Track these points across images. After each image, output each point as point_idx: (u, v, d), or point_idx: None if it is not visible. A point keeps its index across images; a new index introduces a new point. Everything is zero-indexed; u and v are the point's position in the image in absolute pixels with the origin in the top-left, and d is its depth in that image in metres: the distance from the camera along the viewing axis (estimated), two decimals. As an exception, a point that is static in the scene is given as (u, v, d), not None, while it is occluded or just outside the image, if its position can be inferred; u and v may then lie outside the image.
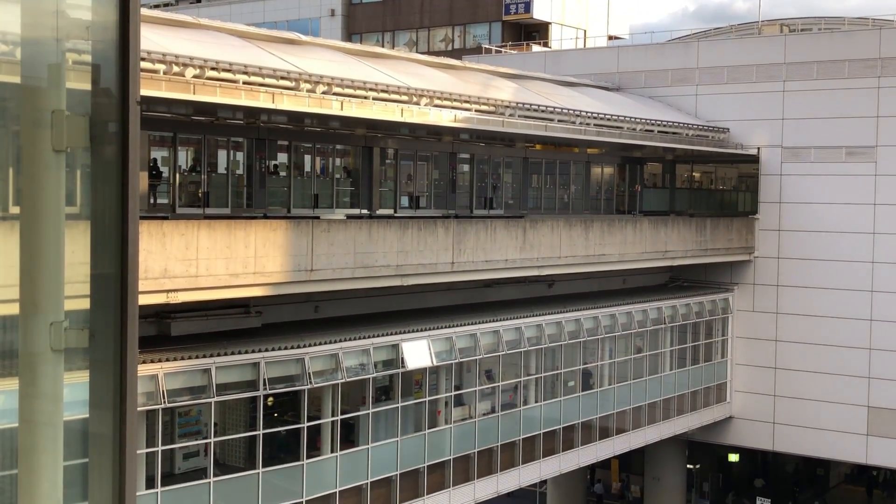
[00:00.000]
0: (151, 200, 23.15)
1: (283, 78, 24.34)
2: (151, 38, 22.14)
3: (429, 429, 27.27)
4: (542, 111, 32.96)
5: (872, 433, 37.72)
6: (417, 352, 26.56)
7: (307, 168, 27.70)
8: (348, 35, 65.76)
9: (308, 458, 23.85)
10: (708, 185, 45.32)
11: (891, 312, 37.35)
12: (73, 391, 3.29)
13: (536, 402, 31.07)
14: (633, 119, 36.73)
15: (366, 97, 26.34)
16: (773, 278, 39.84)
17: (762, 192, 40.23)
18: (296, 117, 25.27)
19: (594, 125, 34.82)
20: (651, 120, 37.71)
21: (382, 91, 26.92)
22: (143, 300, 18.27)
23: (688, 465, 43.76)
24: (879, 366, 37.54)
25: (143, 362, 20.27)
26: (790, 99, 39.55)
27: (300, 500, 23.70)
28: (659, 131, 37.79)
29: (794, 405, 39.16)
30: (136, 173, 3.26)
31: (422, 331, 26.87)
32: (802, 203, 39.31)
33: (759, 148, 40.26)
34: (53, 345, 3.18)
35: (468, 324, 28.44)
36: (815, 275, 38.84)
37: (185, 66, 21.90)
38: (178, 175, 23.66)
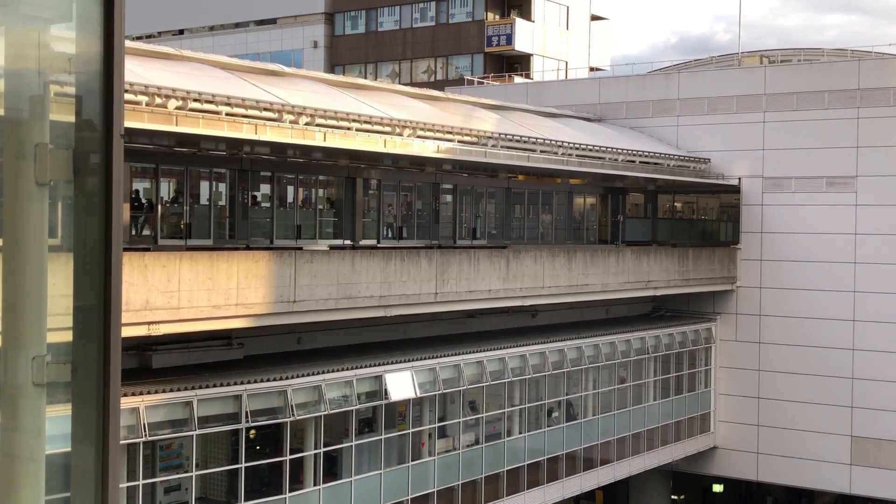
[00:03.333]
0: (133, 232, 23.07)
1: (265, 109, 24.36)
2: (134, 70, 22.15)
3: (412, 461, 27.13)
4: (525, 142, 33.09)
5: (856, 463, 37.74)
6: (401, 383, 26.47)
7: (290, 199, 27.69)
8: (331, 66, 65.95)
9: (291, 491, 23.67)
10: (690, 215, 45.50)
11: (872, 342, 37.49)
12: (55, 425, 3.26)
13: (520, 433, 30.98)
14: (614, 150, 36.90)
15: (349, 128, 26.38)
16: (756, 308, 39.96)
17: (744, 222, 40.42)
18: (279, 148, 25.28)
19: (576, 156, 34.95)
20: (633, 150, 37.90)
21: (365, 122, 26.97)
22: (125, 332, 18.16)
23: (672, 496, 43.65)
24: (862, 395, 37.64)
25: (124, 395, 20.12)
26: (770, 129, 39.84)
27: (283, 534, 23.50)
28: (641, 162, 37.97)
29: (778, 435, 39.17)
30: (119, 206, 3.25)
31: (405, 362, 26.79)
32: (784, 233, 39.51)
33: (739, 178, 40.48)
34: (35, 379, 3.15)
35: (452, 354, 28.38)
36: (797, 304, 38.98)
37: (168, 97, 21.90)
38: (160, 206, 23.61)
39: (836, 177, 38.51)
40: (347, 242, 27.23)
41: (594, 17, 65.85)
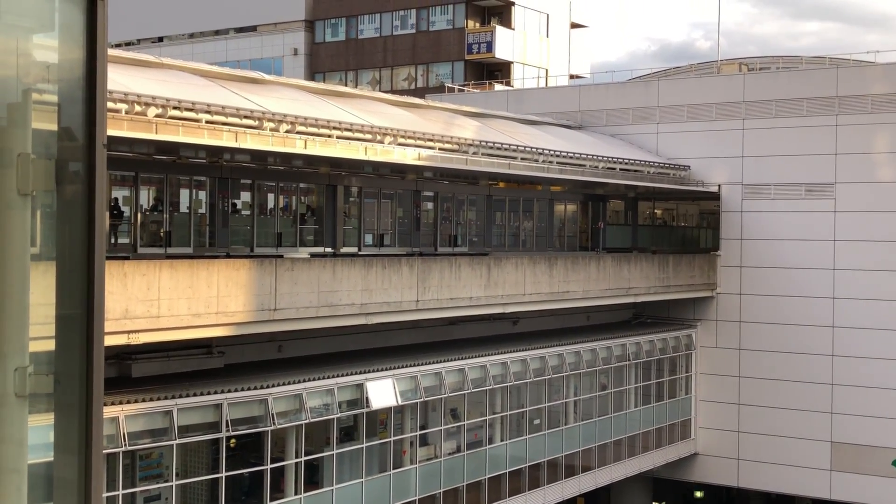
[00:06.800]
0: (112, 240, 22.95)
1: (246, 117, 24.30)
2: (113, 78, 22.05)
3: (394, 469, 27.08)
4: (506, 149, 33.13)
5: (836, 468, 37.92)
6: (382, 391, 26.42)
7: (270, 206, 27.62)
8: (311, 74, 65.86)
9: (272, 500, 23.58)
10: (670, 221, 45.64)
11: (851, 348, 37.69)
12: (37, 435, 3.24)
13: (502, 440, 30.97)
14: (595, 157, 37.00)
15: (329, 136, 26.34)
16: (736, 314, 40.10)
17: (723, 229, 40.58)
18: (259, 156, 25.22)
19: (557, 163, 35.02)
20: (613, 158, 38.00)
21: (346, 129, 26.94)
22: (105, 342, 18.06)
23: (653, 503, 43.72)
24: (841, 401, 37.81)
25: (104, 404, 19.98)
26: (750, 136, 40.03)
27: (264, 543, 23.40)
28: (621, 169, 38.08)
29: (758, 441, 39.30)
30: (102, 216, 3.23)
31: (386, 370, 26.75)
32: (763, 239, 39.69)
33: (719, 185, 40.66)
34: (18, 390, 3.13)
35: (433, 362, 28.35)
36: (777, 311, 39.14)
37: (148, 105, 21.83)
38: (139, 214, 23.50)
39: (814, 184, 38.74)
40: (328, 250, 27.18)
41: (574, 25, 66.03)
